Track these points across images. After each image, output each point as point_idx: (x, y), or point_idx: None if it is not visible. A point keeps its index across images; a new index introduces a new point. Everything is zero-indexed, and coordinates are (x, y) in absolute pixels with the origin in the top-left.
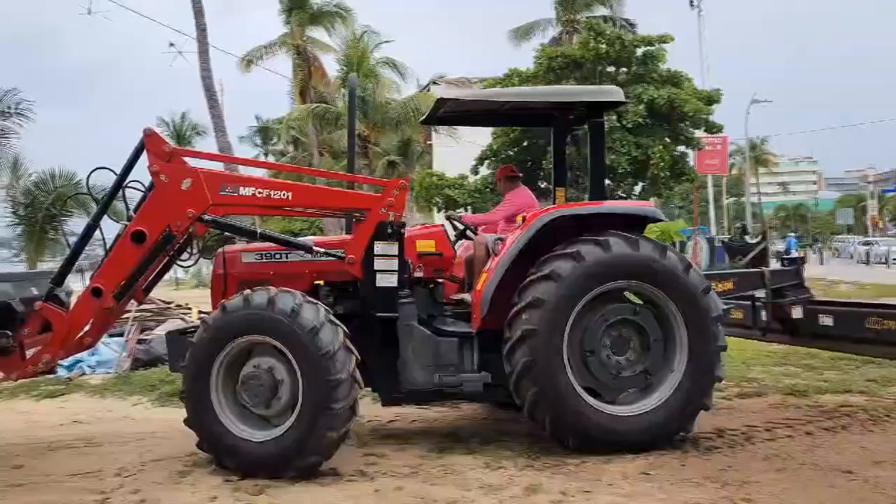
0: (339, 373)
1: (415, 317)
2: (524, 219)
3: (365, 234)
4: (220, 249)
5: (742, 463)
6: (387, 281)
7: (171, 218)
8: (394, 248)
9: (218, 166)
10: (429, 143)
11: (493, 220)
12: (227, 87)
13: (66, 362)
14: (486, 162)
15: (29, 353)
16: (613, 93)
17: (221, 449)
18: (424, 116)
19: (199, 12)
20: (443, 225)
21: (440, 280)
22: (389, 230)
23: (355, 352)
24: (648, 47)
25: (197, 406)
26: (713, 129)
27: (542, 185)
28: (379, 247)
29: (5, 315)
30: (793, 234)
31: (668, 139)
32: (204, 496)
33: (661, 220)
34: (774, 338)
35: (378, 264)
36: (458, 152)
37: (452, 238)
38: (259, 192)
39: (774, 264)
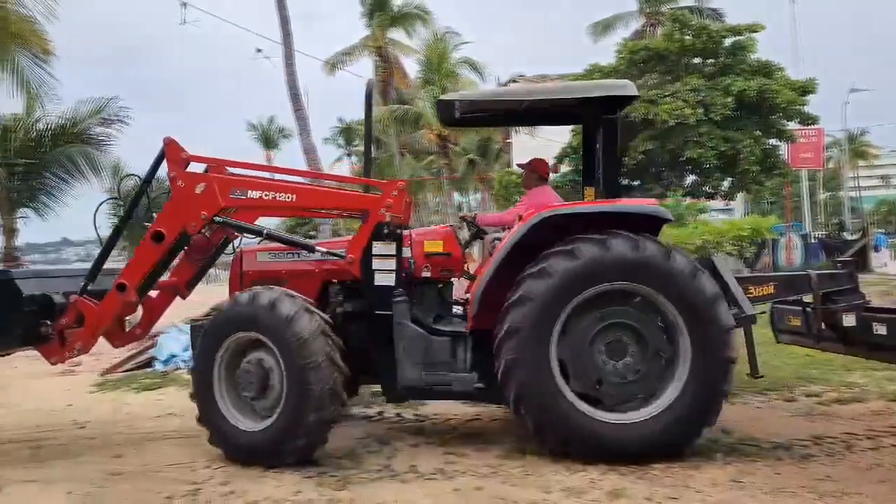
0: (314, 356)
1: (408, 315)
2: (520, 217)
3: (364, 235)
4: (237, 249)
5: (841, 473)
6: (384, 280)
7: (186, 219)
8: (391, 248)
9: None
10: (507, 140)
11: (506, 220)
12: (312, 89)
13: (162, 357)
14: (567, 159)
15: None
16: (625, 87)
17: (228, 443)
18: (441, 118)
19: (284, 20)
20: (452, 225)
21: (451, 280)
22: (386, 230)
23: (336, 339)
24: (737, 37)
25: (204, 403)
26: (807, 120)
27: (624, 183)
28: (377, 247)
29: (46, 307)
30: (881, 231)
31: (758, 132)
32: (288, 490)
33: (667, 220)
34: (829, 346)
35: (376, 264)
36: (538, 150)
37: (467, 238)
38: (266, 195)
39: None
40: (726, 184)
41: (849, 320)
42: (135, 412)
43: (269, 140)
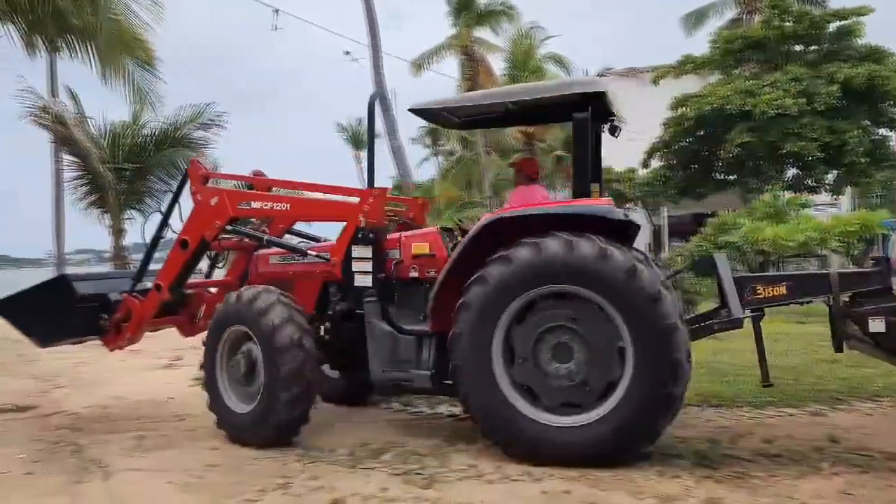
0: (283, 340)
1: (379, 314)
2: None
3: (344, 239)
4: (254, 252)
5: None
6: (362, 281)
7: (204, 228)
8: (368, 252)
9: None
10: None
11: None
12: (400, 90)
13: None
14: (658, 154)
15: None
16: (592, 84)
17: (228, 425)
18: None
19: (372, 23)
20: (440, 227)
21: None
22: (360, 235)
23: (306, 326)
24: (842, 21)
25: (211, 391)
26: None
27: (719, 177)
28: (355, 250)
29: (104, 304)
30: None
31: (867, 122)
32: (376, 486)
33: (616, 220)
34: (863, 348)
35: (354, 266)
36: (624, 145)
37: (457, 241)
38: (265, 205)
39: None
40: (831, 177)
41: (876, 325)
42: None
43: (357, 141)
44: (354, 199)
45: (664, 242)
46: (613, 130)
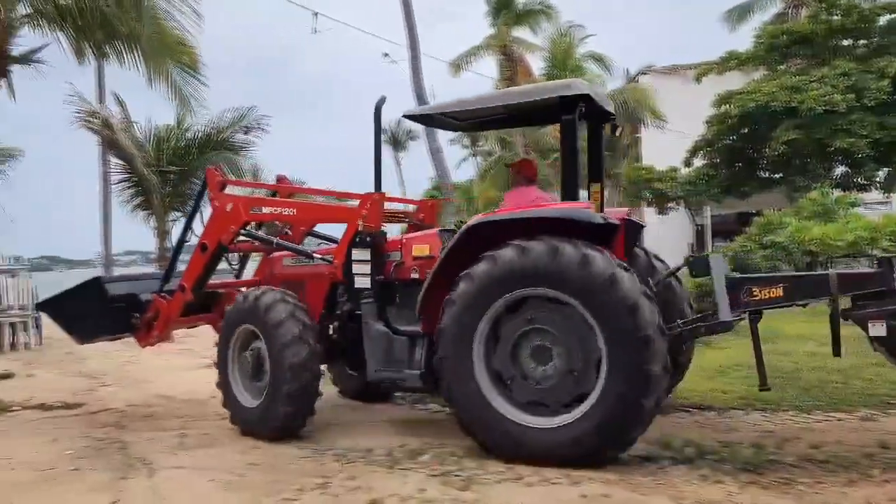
0: (286, 334)
1: (375, 315)
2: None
3: (345, 242)
4: (270, 255)
5: None
6: (361, 283)
7: (220, 233)
8: (366, 254)
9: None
10: (636, 135)
11: None
12: (438, 90)
13: None
14: (700, 153)
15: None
16: (568, 87)
17: (240, 418)
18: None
19: (410, 25)
20: (440, 229)
21: None
22: (357, 239)
23: (308, 322)
24: (893, 15)
25: (224, 389)
26: None
27: (764, 176)
28: (354, 253)
29: (135, 304)
30: None
31: None
32: (413, 487)
33: (594, 222)
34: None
35: (354, 268)
36: (669, 144)
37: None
38: (274, 210)
39: None
40: (882, 174)
41: (876, 329)
42: None
43: (397, 142)
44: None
45: (707, 242)
46: (613, 129)
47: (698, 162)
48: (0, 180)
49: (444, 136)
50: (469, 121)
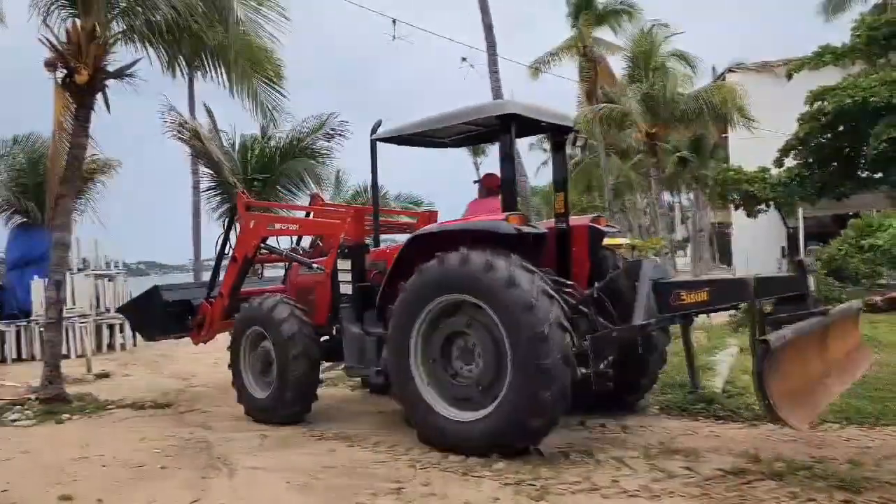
0: (287, 332)
1: (352, 319)
2: None
3: (332, 253)
4: (292, 266)
5: None
6: (345, 289)
7: (246, 247)
8: (347, 264)
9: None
10: (724, 136)
11: None
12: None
13: None
14: (792, 152)
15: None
16: (502, 107)
17: (253, 409)
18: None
19: (488, 29)
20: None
21: None
22: (338, 250)
23: (306, 320)
24: None
25: (238, 385)
26: None
27: (863, 176)
28: (339, 263)
29: (189, 308)
30: None
31: None
32: (487, 495)
33: (508, 233)
34: None
35: (339, 277)
36: (757, 143)
37: None
38: (283, 226)
39: None
40: None
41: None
42: (351, 410)
43: (476, 147)
44: None
45: (800, 245)
46: (575, 140)
47: (790, 162)
48: (101, 190)
49: (523, 140)
50: (429, 139)
